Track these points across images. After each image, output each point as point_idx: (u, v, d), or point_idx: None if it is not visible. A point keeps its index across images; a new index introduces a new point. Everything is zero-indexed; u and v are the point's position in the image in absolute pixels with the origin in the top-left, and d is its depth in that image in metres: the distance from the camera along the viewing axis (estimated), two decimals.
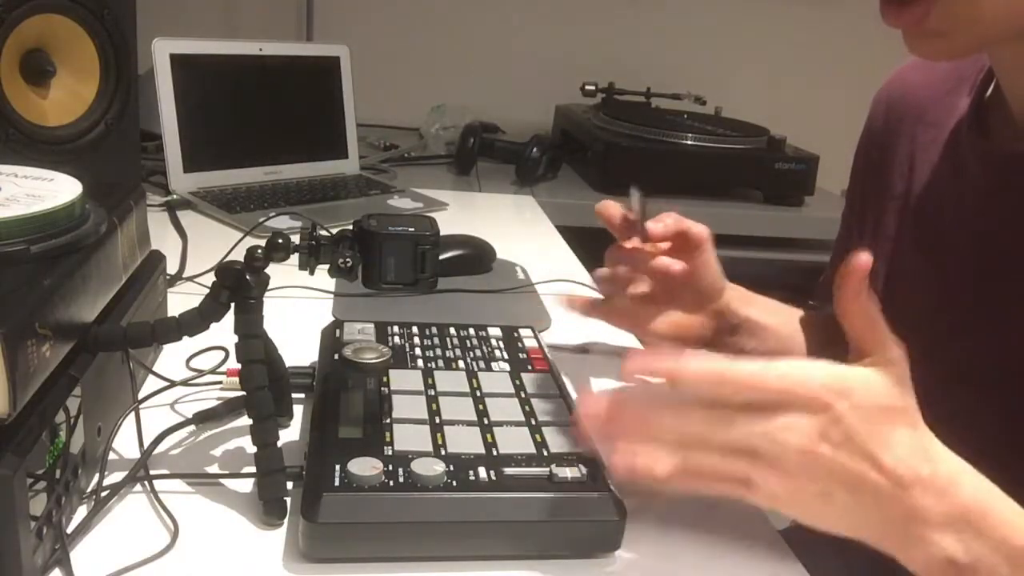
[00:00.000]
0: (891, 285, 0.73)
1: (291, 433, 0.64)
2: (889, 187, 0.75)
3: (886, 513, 0.47)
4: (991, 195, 0.64)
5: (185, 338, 0.55)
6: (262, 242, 0.54)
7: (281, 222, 1.12)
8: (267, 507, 0.53)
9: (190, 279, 0.92)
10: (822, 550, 0.59)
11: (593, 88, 1.93)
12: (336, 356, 0.67)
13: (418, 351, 0.70)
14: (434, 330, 0.74)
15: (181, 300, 0.64)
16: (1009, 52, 0.60)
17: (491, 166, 1.71)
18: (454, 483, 0.52)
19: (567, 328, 0.89)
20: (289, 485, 0.54)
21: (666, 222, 0.73)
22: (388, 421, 0.58)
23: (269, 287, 0.55)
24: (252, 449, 0.54)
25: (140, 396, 0.65)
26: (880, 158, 0.78)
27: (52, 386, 0.49)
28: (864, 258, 0.48)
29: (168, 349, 0.74)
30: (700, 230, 0.75)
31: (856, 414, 0.46)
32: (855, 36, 2.21)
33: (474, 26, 2.09)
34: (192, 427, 0.63)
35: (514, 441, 0.57)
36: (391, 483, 0.51)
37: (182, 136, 1.24)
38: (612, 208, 0.74)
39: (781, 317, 0.84)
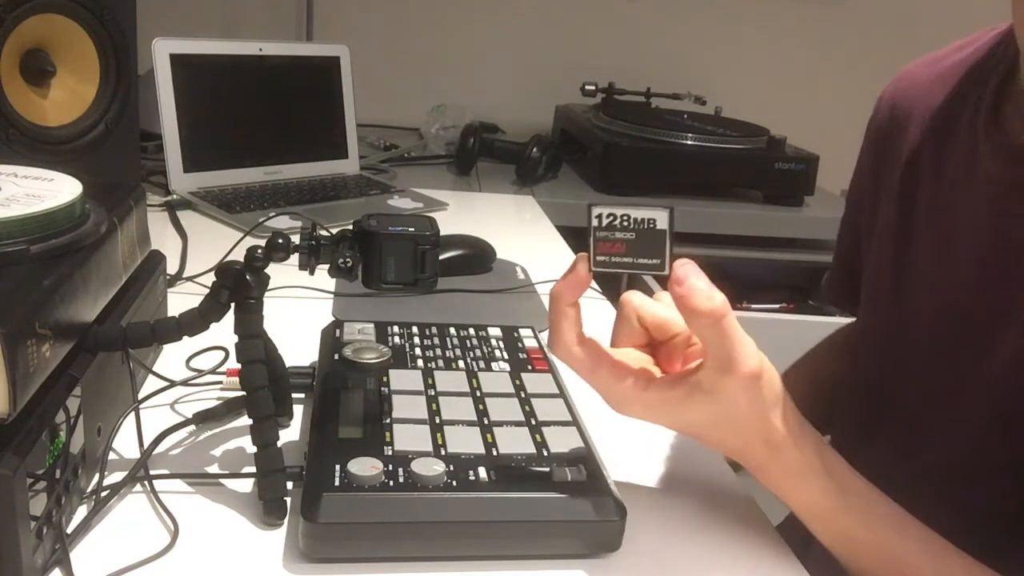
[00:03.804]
0: (900, 283, 0.73)
1: (291, 433, 0.64)
2: (897, 184, 0.75)
3: (782, 466, 0.55)
4: (1005, 189, 0.64)
5: (185, 338, 0.55)
6: (262, 242, 0.54)
7: (281, 222, 1.12)
8: (267, 507, 0.53)
9: (190, 279, 0.92)
10: (820, 550, 0.59)
11: (593, 88, 1.93)
12: (336, 356, 0.67)
13: (418, 351, 0.70)
14: (434, 330, 0.74)
15: (181, 300, 0.64)
16: None
17: (491, 166, 1.71)
18: (454, 483, 0.52)
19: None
20: (289, 485, 0.54)
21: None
22: (388, 421, 0.58)
23: (269, 287, 0.55)
24: (252, 449, 0.54)
25: (140, 396, 0.64)
26: (888, 156, 0.77)
27: (52, 386, 0.49)
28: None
29: (168, 349, 0.74)
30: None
31: (771, 384, 0.53)
32: (855, 36, 2.22)
33: (474, 26, 2.09)
34: (192, 427, 0.63)
35: (514, 441, 0.57)
36: (391, 483, 0.51)
37: (182, 136, 1.24)
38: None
39: None
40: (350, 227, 0.58)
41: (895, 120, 0.78)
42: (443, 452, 0.55)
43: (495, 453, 0.55)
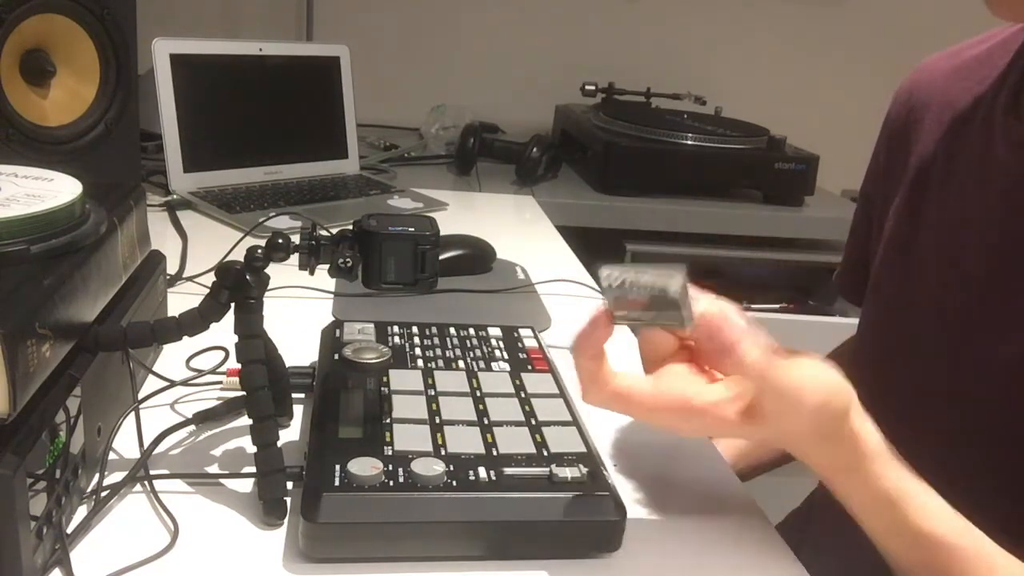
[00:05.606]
0: (905, 276, 0.73)
1: (291, 433, 0.64)
2: (911, 176, 0.74)
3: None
4: (1021, 180, 0.64)
5: (185, 338, 0.55)
6: (262, 242, 0.54)
7: (281, 222, 1.12)
8: (267, 507, 0.53)
9: (190, 279, 0.92)
10: (820, 549, 0.59)
11: (593, 88, 1.93)
12: (336, 356, 0.67)
13: (418, 351, 0.70)
14: (434, 330, 0.74)
15: (181, 300, 0.64)
16: None
17: (491, 166, 1.71)
18: (454, 483, 0.52)
19: (567, 328, 0.89)
20: (289, 485, 0.54)
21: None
22: (388, 421, 0.58)
23: (269, 287, 0.55)
24: (252, 449, 0.54)
25: (140, 396, 0.65)
26: (902, 147, 0.77)
27: (52, 386, 0.49)
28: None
29: (168, 349, 0.74)
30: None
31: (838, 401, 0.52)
32: (855, 36, 2.22)
33: (475, 26, 2.09)
34: (192, 427, 0.63)
35: (514, 441, 0.57)
36: (391, 483, 0.51)
37: (182, 136, 1.24)
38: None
39: None
40: (350, 227, 0.58)
41: (912, 111, 0.77)
42: (443, 452, 0.55)
43: (495, 453, 0.55)
